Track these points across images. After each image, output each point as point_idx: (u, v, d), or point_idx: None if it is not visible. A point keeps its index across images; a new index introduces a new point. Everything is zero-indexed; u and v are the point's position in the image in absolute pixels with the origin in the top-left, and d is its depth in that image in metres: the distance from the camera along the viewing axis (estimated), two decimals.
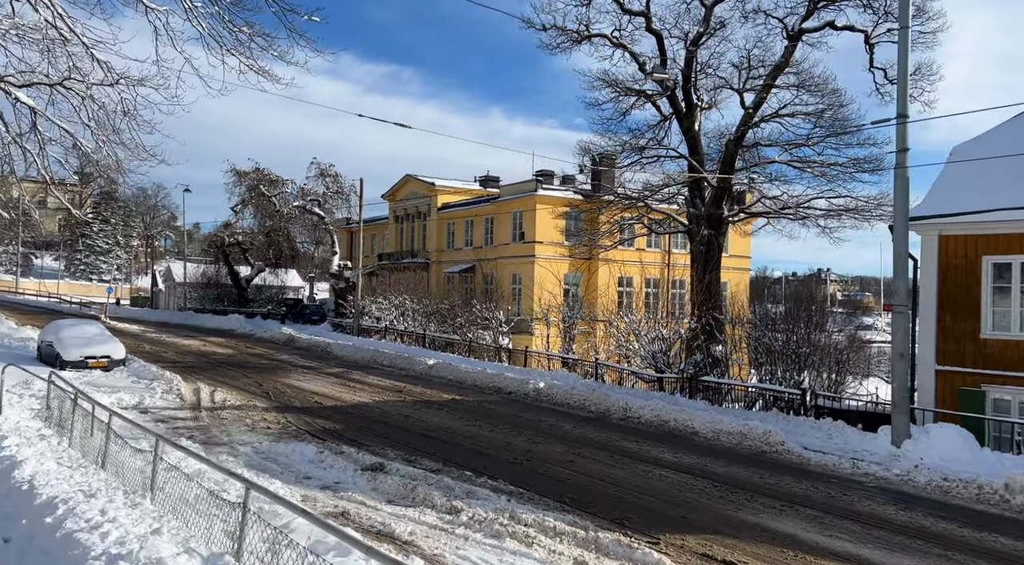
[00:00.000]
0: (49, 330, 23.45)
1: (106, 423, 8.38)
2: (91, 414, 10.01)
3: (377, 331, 35.60)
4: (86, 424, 9.17)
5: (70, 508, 6.15)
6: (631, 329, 21.51)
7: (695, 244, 26.53)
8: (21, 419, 10.62)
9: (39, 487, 6.81)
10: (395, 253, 52.77)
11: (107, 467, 7.95)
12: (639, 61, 26.79)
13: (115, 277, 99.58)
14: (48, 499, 6.50)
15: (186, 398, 18.47)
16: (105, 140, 14.03)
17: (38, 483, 6.92)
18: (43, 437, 9.12)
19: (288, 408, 17.72)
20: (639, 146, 26.72)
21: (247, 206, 51.10)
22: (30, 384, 14.92)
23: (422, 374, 24.99)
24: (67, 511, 6.11)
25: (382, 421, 16.45)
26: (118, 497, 6.51)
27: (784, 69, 24.17)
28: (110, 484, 7.09)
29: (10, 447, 8.15)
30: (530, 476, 11.77)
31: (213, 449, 13.15)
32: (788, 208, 24.63)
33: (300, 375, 24.01)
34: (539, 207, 39.63)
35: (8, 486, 7.12)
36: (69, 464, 7.99)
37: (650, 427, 16.47)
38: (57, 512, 6.18)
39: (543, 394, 20.18)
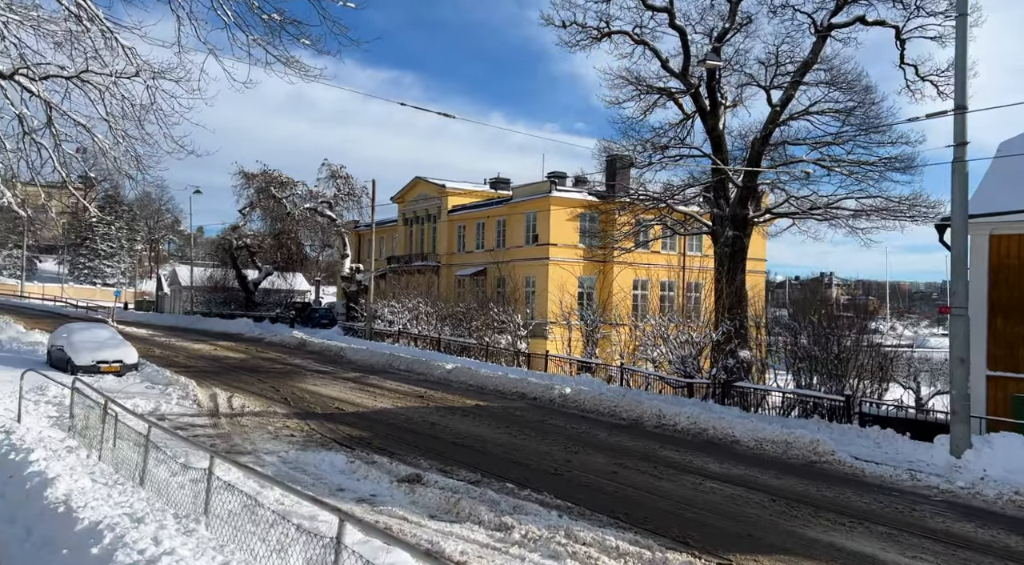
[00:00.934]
0: (60, 334, 22.85)
1: (145, 435, 7.72)
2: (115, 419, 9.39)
3: (390, 335, 34.97)
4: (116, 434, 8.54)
5: (118, 536, 5.48)
6: (658, 333, 20.87)
7: (719, 246, 25.90)
8: (43, 429, 9.97)
9: (77, 509, 6.13)
10: (404, 256, 52.17)
11: (147, 484, 7.29)
12: (661, 58, 26.20)
13: (119, 281, 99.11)
14: (91, 525, 5.83)
15: (203, 404, 17.85)
16: (124, 135, 13.44)
17: (75, 504, 6.25)
18: (70, 449, 8.47)
19: (309, 414, 17.10)
20: (662, 145, 26.09)
21: (255, 208, 50.51)
22: (45, 390, 14.30)
23: (441, 379, 24.37)
24: (115, 540, 5.44)
25: (408, 428, 15.82)
26: (169, 522, 5.83)
27: (812, 65, 23.55)
28: (155, 505, 6.42)
29: (38, 462, 7.49)
30: (575, 489, 11.13)
31: (238, 458, 12.52)
32: (817, 208, 23.98)
33: (316, 380, 23.39)
34: (553, 208, 39.02)
35: (40, 507, 6.45)
36: (104, 481, 7.33)
37: (687, 435, 15.82)
38: (104, 541, 5.51)
39: (570, 400, 19.54)
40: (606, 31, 26.94)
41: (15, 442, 8.29)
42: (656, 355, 21.34)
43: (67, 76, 13.25)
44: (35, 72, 13.16)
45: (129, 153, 13.82)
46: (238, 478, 8.59)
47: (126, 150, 13.79)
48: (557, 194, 39.51)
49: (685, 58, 25.66)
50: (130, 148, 13.73)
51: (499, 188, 50.74)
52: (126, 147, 13.76)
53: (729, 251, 25.40)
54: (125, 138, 13.62)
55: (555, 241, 39.36)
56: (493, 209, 45.01)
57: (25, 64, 12.69)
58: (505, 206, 43.38)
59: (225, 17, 11.52)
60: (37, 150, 13.83)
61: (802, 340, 17.06)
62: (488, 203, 46.95)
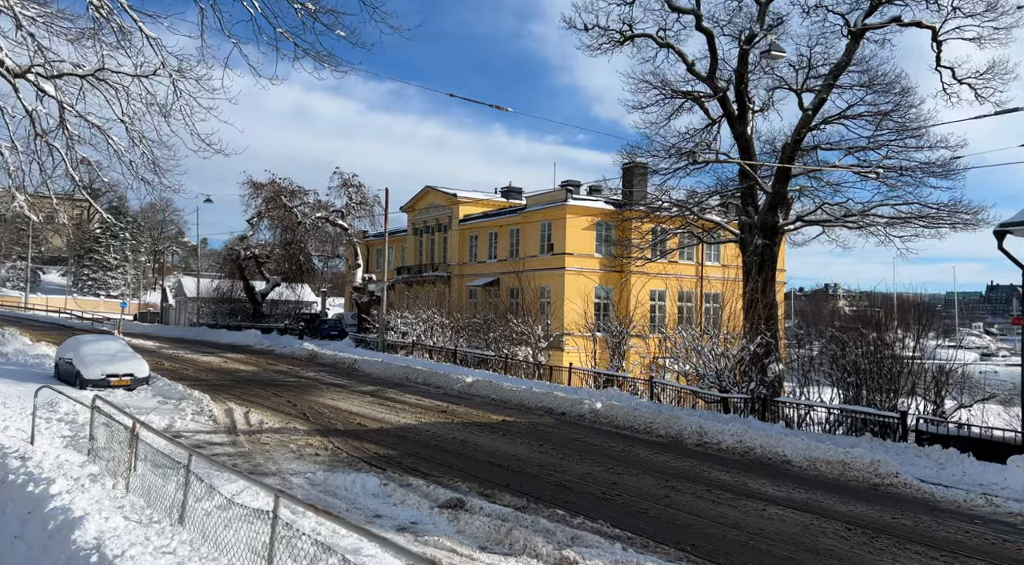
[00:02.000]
0: (68, 346, 22.04)
1: (185, 465, 6.86)
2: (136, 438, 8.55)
3: (403, 347, 34.13)
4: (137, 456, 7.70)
5: None
6: (691, 345, 20.02)
7: (748, 255, 25.08)
8: (59, 452, 9.11)
9: (114, 560, 5.23)
10: (414, 266, 51.37)
11: (187, 523, 6.42)
12: (687, 61, 25.46)
13: (123, 292, 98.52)
14: None
15: (219, 420, 17.02)
16: (141, 137, 12.68)
17: (110, 551, 5.33)
18: (93, 478, 7.60)
19: (331, 431, 16.27)
20: (689, 150, 25.31)
21: (263, 218, 49.81)
22: (55, 406, 13.47)
23: (461, 392, 23.52)
24: None
25: (437, 446, 14.97)
26: None
27: (846, 68, 22.79)
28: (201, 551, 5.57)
29: (61, 495, 6.61)
30: (631, 516, 10.27)
31: (261, 480, 11.69)
32: (851, 216, 23.15)
33: (333, 394, 22.56)
34: (570, 217, 38.23)
35: (68, 553, 5.52)
36: (138, 518, 6.46)
37: (734, 455, 14.94)
38: None
39: (601, 416, 18.67)
40: (629, 34, 26.23)
41: (32, 470, 7.44)
42: (688, 368, 20.47)
43: (82, 74, 12.51)
44: (49, 70, 12.43)
45: (146, 156, 13.07)
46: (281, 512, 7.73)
47: (143, 153, 13.06)
48: (573, 202, 38.73)
49: (712, 61, 24.94)
50: (147, 150, 12.98)
51: (511, 197, 49.97)
52: (143, 150, 13.02)
53: (758, 260, 24.59)
54: (142, 140, 12.87)
55: (571, 250, 38.54)
56: (506, 218, 44.22)
57: (42, 60, 11.95)
58: (519, 215, 42.59)
59: (252, 7, 10.77)
60: (49, 152, 13.10)
61: (849, 352, 16.19)
62: (501, 212, 46.17)
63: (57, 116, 12.89)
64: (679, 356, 20.86)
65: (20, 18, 12.27)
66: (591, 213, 39.06)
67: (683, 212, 25.95)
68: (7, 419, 11.89)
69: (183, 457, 7.32)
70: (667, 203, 26.49)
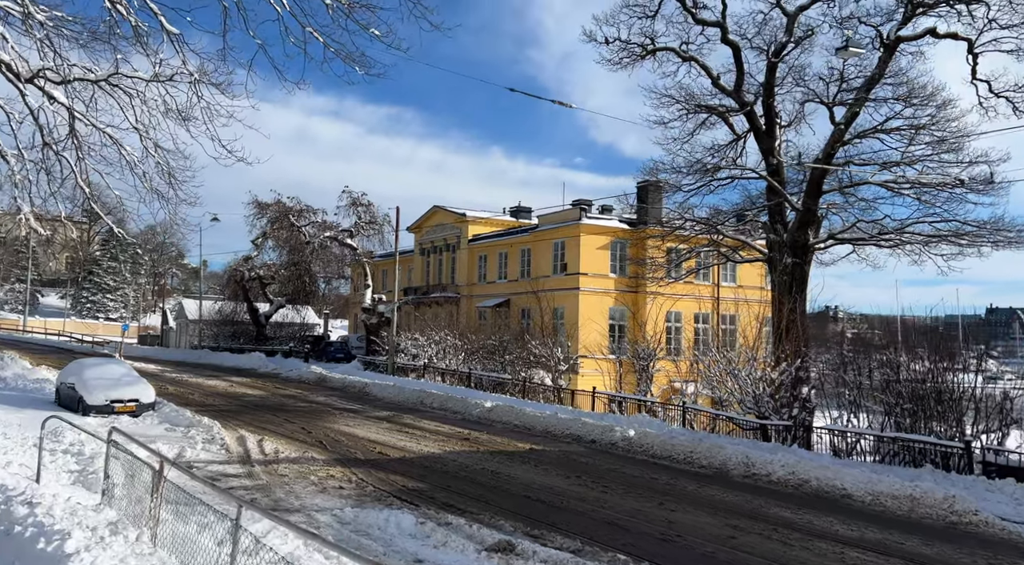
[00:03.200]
0: (70, 371, 21.03)
1: (233, 521, 5.84)
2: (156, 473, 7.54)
3: (414, 370, 33.09)
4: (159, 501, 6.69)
5: None
6: (727, 369, 19.03)
7: (777, 274, 24.16)
8: (71, 493, 8.09)
9: None
10: (421, 287, 50.46)
11: None
12: (712, 75, 24.72)
13: (122, 315, 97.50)
14: None
15: (232, 449, 15.98)
16: (155, 147, 11.80)
17: None
18: (113, 528, 6.53)
19: (352, 461, 15.24)
20: (714, 166, 24.49)
21: (268, 238, 48.95)
22: (60, 435, 12.45)
23: (481, 418, 22.50)
24: None
25: (468, 478, 13.95)
26: None
27: (879, 80, 22.03)
28: None
29: (79, 554, 5.52)
30: (701, 561, 9.26)
31: (285, 517, 10.67)
32: (886, 234, 22.27)
33: (347, 420, 21.54)
34: (584, 236, 37.38)
35: None
36: None
37: (787, 487, 13.92)
38: None
39: (635, 444, 17.63)
40: (651, 48, 25.53)
41: (42, 518, 6.41)
42: (724, 393, 19.47)
43: (94, 79, 11.67)
44: (59, 74, 11.60)
45: (161, 166, 12.18)
46: None
47: (158, 163, 12.18)
48: (587, 221, 37.90)
49: (738, 74, 24.19)
50: (163, 160, 12.10)
51: (520, 217, 49.21)
52: (158, 159, 12.14)
53: (788, 280, 23.67)
54: (157, 149, 12.00)
55: (586, 270, 37.65)
56: (517, 238, 43.36)
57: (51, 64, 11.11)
58: (531, 234, 41.74)
59: (279, 6, 9.93)
60: (58, 163, 12.23)
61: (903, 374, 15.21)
62: (511, 232, 45.33)
63: (67, 124, 12.05)
64: (713, 380, 19.87)
65: (29, 21, 11.45)
66: (606, 232, 38.22)
67: (709, 230, 25.04)
68: (8, 452, 10.87)
69: (221, 503, 6.31)
70: (691, 220, 25.60)
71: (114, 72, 11.71)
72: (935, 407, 14.70)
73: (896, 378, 15.35)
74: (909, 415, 15.06)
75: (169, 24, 9.72)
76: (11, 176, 11.23)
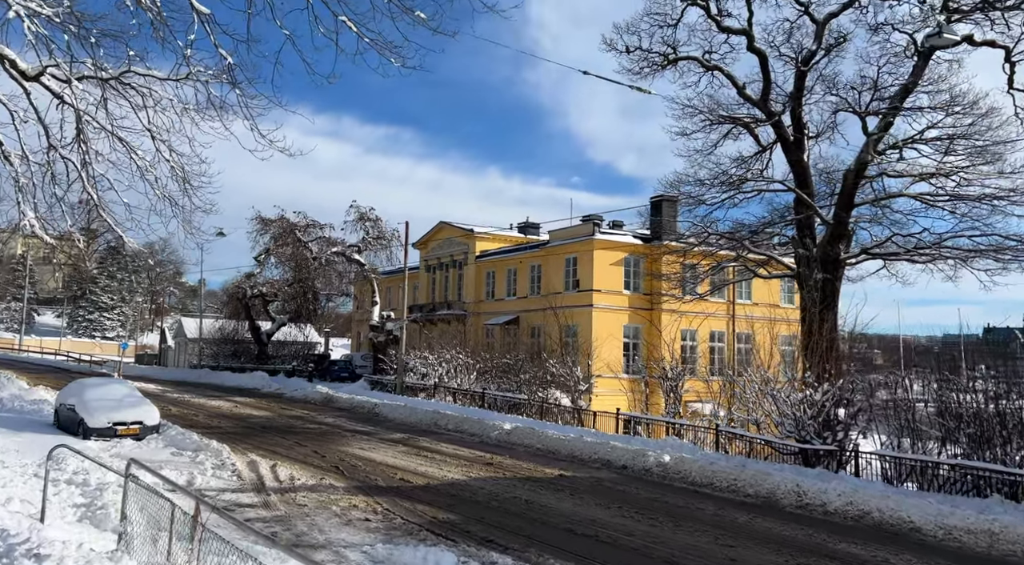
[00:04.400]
0: (70, 391, 20.00)
1: None
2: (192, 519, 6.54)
3: (423, 389, 32.02)
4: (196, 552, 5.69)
5: None
6: (766, 390, 18.03)
7: (806, 291, 23.26)
8: (81, 536, 7.00)
9: None
10: (427, 305, 49.42)
11: None
12: (738, 84, 23.98)
13: (119, 334, 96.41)
14: None
15: (244, 475, 14.96)
16: (170, 150, 10.89)
17: None
18: None
19: (373, 488, 14.22)
20: (740, 178, 23.66)
21: (271, 255, 47.99)
22: (62, 463, 11.41)
23: (500, 441, 21.46)
24: None
25: (500, 508, 12.92)
26: None
27: (914, 89, 21.28)
28: None
29: None
30: None
31: (310, 554, 9.65)
32: (923, 248, 21.39)
33: (360, 442, 20.52)
34: (598, 251, 36.46)
35: None
36: None
37: (846, 519, 12.89)
38: None
39: (671, 470, 16.59)
40: (673, 57, 24.83)
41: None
42: (760, 415, 18.47)
43: (105, 78, 10.78)
44: (66, 72, 10.71)
45: (175, 171, 11.25)
46: None
47: (172, 167, 11.24)
48: (600, 236, 37.01)
49: (765, 84, 23.45)
50: (177, 165, 11.17)
51: (528, 233, 48.32)
52: (172, 163, 11.21)
53: (819, 296, 22.77)
54: (171, 153, 11.09)
55: (599, 287, 36.69)
56: (527, 254, 42.44)
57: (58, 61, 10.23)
58: (541, 250, 40.83)
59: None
60: (64, 166, 11.31)
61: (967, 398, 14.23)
62: (520, 248, 44.41)
63: (73, 126, 11.16)
64: (749, 402, 18.87)
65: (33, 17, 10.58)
66: (620, 248, 37.33)
67: (735, 244, 24.14)
68: (8, 484, 9.81)
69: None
70: (715, 235, 24.72)
71: (126, 70, 10.84)
72: (1000, 432, 13.72)
73: (956, 401, 14.37)
74: (971, 440, 14.07)
75: (198, 2, 8.80)
76: (15, 179, 10.31)
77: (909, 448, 15.27)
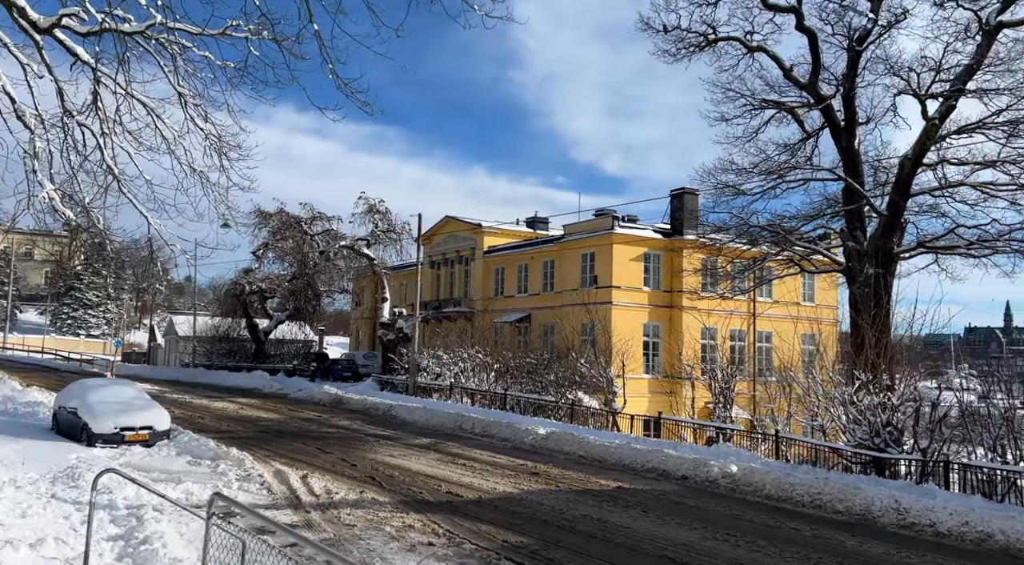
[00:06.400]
0: (71, 393, 18.30)
1: None
2: None
3: (438, 390, 30.42)
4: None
5: None
6: (832, 395, 16.61)
7: (857, 286, 21.89)
8: None
9: None
10: (431, 302, 47.79)
11: None
12: (784, 66, 22.57)
13: (104, 332, 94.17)
14: None
15: (274, 488, 13.35)
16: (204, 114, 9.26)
17: None
18: None
19: (422, 504, 12.67)
20: (788, 166, 22.26)
21: (270, 249, 46.15)
22: (76, 478, 9.73)
23: (536, 447, 19.95)
24: None
25: (571, 528, 11.40)
26: None
27: (977, 70, 19.92)
28: None
29: None
30: None
31: None
32: (987, 241, 20.06)
33: (387, 449, 18.96)
34: (616, 247, 34.97)
35: None
36: None
37: (964, 542, 11.45)
38: None
39: (740, 483, 15.11)
40: (713, 38, 23.39)
41: None
42: (827, 421, 17.04)
43: (128, 31, 9.16)
44: (83, 25, 9.09)
45: (211, 141, 9.63)
46: None
47: (207, 136, 9.63)
48: (620, 230, 35.51)
49: (814, 65, 22.03)
50: (212, 134, 9.56)
51: (537, 228, 46.82)
52: (206, 132, 9.60)
53: (871, 292, 21.40)
54: (207, 120, 9.49)
55: (618, 283, 35.20)
56: (539, 249, 40.88)
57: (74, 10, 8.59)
58: (555, 245, 39.28)
59: None
60: (82, 135, 9.65)
61: None
62: (531, 243, 42.86)
63: (91, 87, 9.51)
64: (813, 406, 17.44)
65: None
66: (639, 243, 35.86)
67: (779, 237, 22.69)
68: (28, 512, 7.88)
69: None
70: (756, 227, 23.30)
71: (152, 23, 9.24)
72: None
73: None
74: None
75: None
76: (31, 144, 8.69)
77: (1013, 460, 13.86)
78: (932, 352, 19.80)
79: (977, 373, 18.81)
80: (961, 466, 14.18)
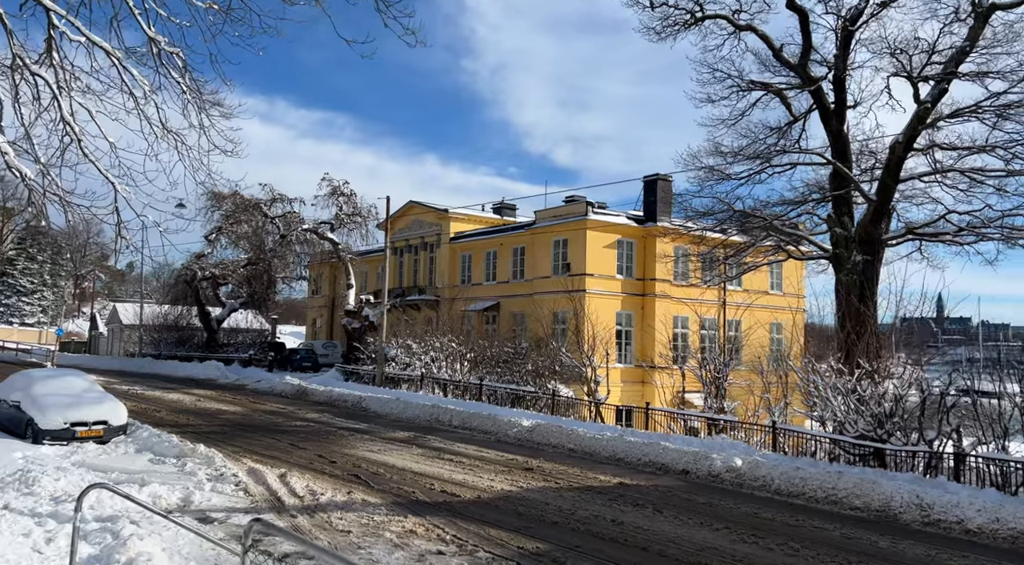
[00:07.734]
0: (13, 385, 16.64)
1: None
2: None
3: (407, 381, 29.23)
4: None
5: None
6: (834, 385, 15.98)
7: (844, 273, 21.39)
8: None
9: None
10: (395, 290, 46.33)
11: None
12: (774, 46, 21.89)
13: (40, 320, 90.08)
14: None
15: (251, 489, 12.10)
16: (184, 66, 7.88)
17: None
18: None
19: (418, 505, 11.59)
20: (777, 149, 21.64)
21: (223, 234, 44.11)
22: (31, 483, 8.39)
23: (522, 440, 19.00)
24: None
25: (588, 531, 10.44)
26: None
27: (969, 53, 19.49)
28: None
29: None
30: None
31: None
32: (976, 227, 19.71)
33: (365, 443, 17.79)
34: (590, 233, 34.11)
35: None
36: None
37: (996, 540, 10.83)
38: None
39: (746, 477, 14.37)
40: (700, 15, 22.61)
41: None
42: (827, 413, 16.41)
43: None
44: None
45: (188, 96, 8.19)
46: None
47: (184, 90, 8.24)
48: (595, 217, 34.64)
49: (805, 45, 21.40)
50: (191, 88, 8.16)
51: (504, 214, 45.74)
52: (183, 85, 8.21)
53: (858, 280, 20.94)
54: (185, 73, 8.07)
55: (592, 271, 34.37)
56: (508, 236, 39.79)
57: None
58: (526, 232, 38.23)
59: None
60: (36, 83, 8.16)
61: None
62: (500, 229, 41.73)
63: (45, 28, 8.08)
64: (812, 396, 16.80)
65: None
66: (613, 230, 35.04)
67: (765, 222, 22.05)
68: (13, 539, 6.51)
69: None
70: (741, 212, 22.61)
71: None
72: None
73: None
74: None
75: None
76: None
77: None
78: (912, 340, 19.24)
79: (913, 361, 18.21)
80: (984, 459, 13.61)
